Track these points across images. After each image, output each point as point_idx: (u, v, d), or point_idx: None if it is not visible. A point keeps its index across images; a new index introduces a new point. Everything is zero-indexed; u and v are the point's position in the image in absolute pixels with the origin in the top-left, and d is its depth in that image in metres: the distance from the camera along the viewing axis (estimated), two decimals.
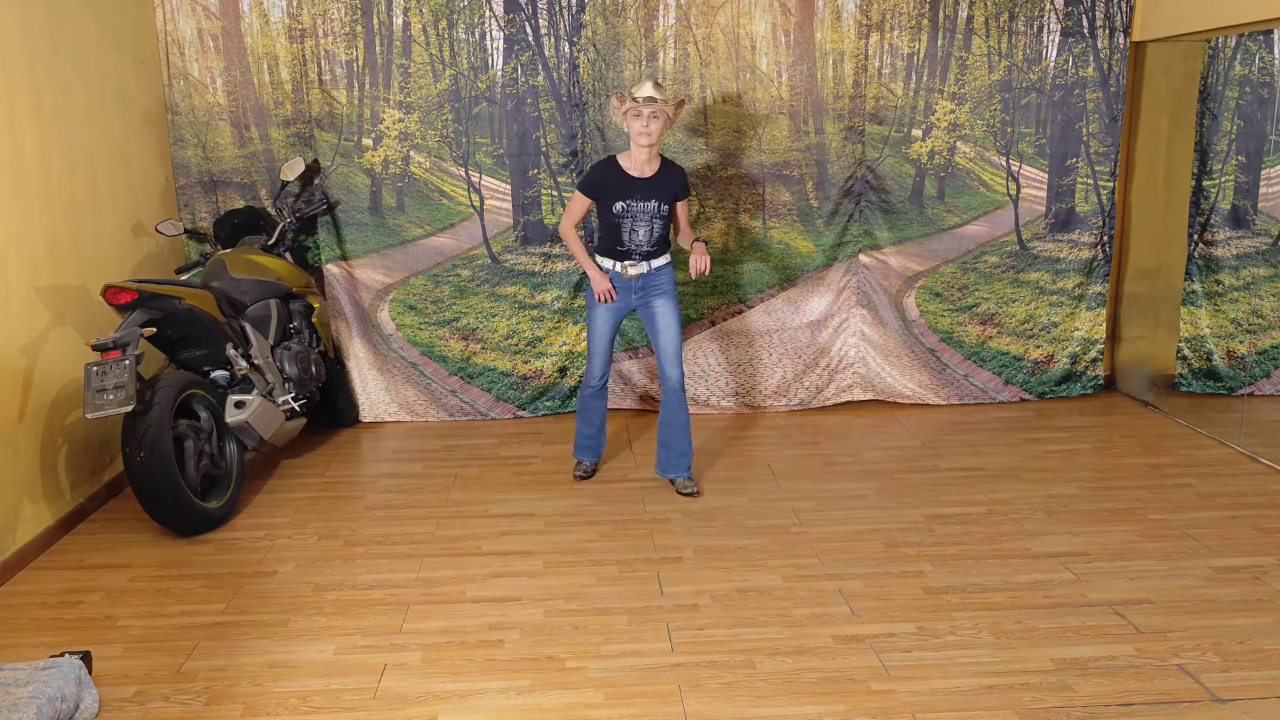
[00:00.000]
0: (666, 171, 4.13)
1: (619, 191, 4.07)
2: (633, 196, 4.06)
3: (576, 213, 4.21)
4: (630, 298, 4.21)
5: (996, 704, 2.76)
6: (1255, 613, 3.23)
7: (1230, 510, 4.07)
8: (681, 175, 4.19)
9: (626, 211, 4.07)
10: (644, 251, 4.14)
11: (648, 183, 4.08)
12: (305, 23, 5.08)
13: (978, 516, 4.06)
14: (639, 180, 4.07)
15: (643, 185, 4.07)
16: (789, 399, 5.52)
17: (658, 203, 4.08)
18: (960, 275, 5.47)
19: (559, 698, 2.84)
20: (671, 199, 4.12)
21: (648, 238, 4.11)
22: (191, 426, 4.01)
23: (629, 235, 4.10)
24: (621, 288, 4.19)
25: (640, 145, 4.00)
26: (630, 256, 4.13)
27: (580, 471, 4.54)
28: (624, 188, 4.07)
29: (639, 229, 4.09)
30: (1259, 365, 5.21)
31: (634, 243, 4.12)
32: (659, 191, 4.08)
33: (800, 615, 3.28)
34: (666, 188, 4.10)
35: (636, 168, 4.08)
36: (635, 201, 4.07)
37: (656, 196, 4.08)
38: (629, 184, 4.07)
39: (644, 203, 4.07)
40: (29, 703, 2.53)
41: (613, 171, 4.09)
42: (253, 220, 5.04)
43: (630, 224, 4.09)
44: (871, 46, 5.21)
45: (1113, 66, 5.26)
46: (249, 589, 3.54)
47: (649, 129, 3.95)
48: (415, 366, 5.42)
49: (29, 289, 3.89)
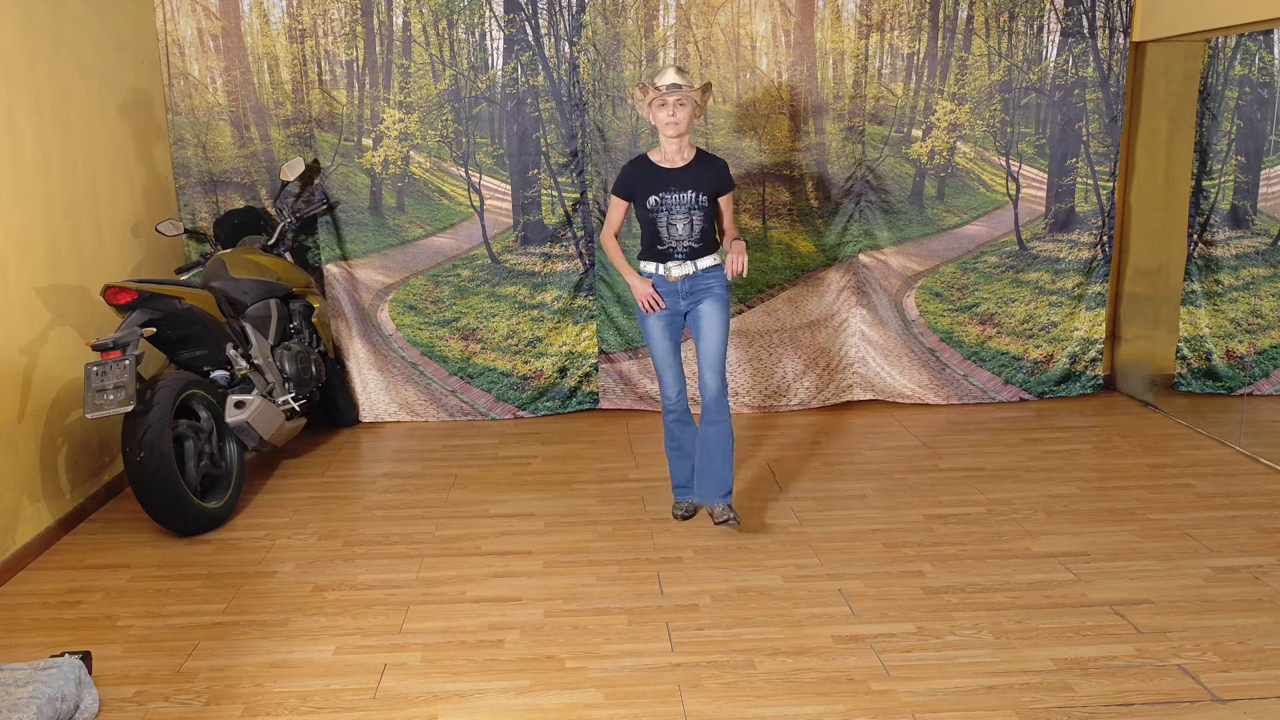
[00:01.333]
0: (702, 162, 3.90)
1: (651, 185, 3.85)
2: (666, 189, 3.83)
3: (614, 220, 3.99)
4: (679, 302, 3.91)
5: (996, 704, 2.76)
6: (1255, 613, 3.23)
7: (1230, 510, 4.07)
8: (721, 166, 3.93)
9: (661, 205, 3.83)
10: (686, 249, 3.85)
11: (681, 173, 3.84)
12: (305, 23, 5.08)
13: (978, 516, 4.06)
14: (671, 171, 3.85)
15: (676, 176, 3.84)
16: (789, 399, 5.52)
17: (695, 193, 3.82)
18: (960, 275, 5.47)
19: (559, 698, 2.84)
20: (712, 190, 3.87)
21: (688, 232, 3.84)
22: (191, 426, 4.01)
23: (667, 231, 3.84)
24: (668, 293, 3.90)
25: (669, 136, 3.80)
26: (673, 256, 3.86)
27: (680, 511, 4.10)
28: (656, 181, 3.85)
29: (677, 223, 3.83)
30: (1258, 365, 5.21)
31: (674, 238, 3.84)
32: (695, 181, 3.83)
33: (800, 615, 3.28)
34: (703, 178, 3.85)
35: (668, 159, 3.86)
36: (669, 194, 3.83)
37: (693, 187, 3.82)
38: (661, 176, 3.85)
39: (679, 194, 3.82)
40: (29, 703, 2.53)
41: (643, 167, 3.89)
42: (253, 220, 5.04)
43: (666, 218, 3.83)
44: (871, 46, 5.21)
45: (1113, 66, 5.26)
46: (249, 589, 3.54)
47: (676, 118, 3.74)
48: (415, 366, 5.42)
49: (29, 289, 3.89)
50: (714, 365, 3.89)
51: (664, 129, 3.78)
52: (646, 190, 3.85)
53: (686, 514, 4.10)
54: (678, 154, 3.86)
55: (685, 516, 4.10)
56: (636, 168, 3.91)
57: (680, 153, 3.86)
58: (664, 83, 3.73)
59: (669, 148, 3.85)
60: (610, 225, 4.00)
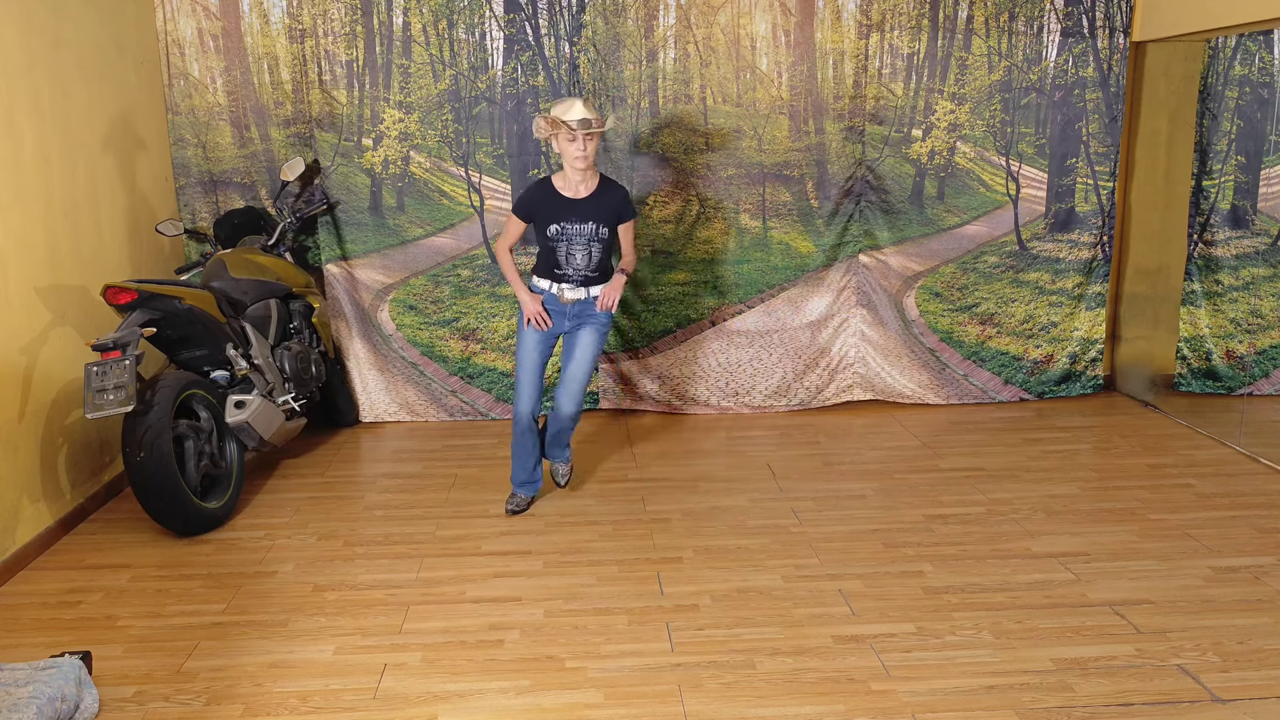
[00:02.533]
0: (605, 191, 3.94)
1: (553, 213, 3.90)
2: (568, 218, 3.89)
3: (511, 234, 4.04)
4: (564, 323, 4.04)
5: (996, 704, 2.77)
6: (1255, 613, 3.24)
7: (1230, 510, 4.07)
8: (622, 195, 3.98)
9: (561, 234, 3.90)
10: (582, 277, 3.96)
11: (584, 203, 3.90)
12: (305, 23, 5.08)
13: (978, 516, 4.06)
14: (574, 201, 3.90)
15: (579, 206, 3.90)
16: (789, 399, 5.52)
17: (595, 225, 3.90)
18: (960, 275, 5.47)
19: (559, 698, 2.84)
20: (612, 221, 3.95)
21: (586, 262, 3.94)
22: (191, 426, 4.01)
23: (565, 259, 3.94)
24: (556, 312, 4.01)
25: (577, 168, 3.85)
26: (568, 280, 3.97)
27: (513, 505, 4.18)
28: (558, 209, 3.90)
29: (575, 253, 3.92)
30: (1258, 365, 5.21)
31: (572, 267, 3.95)
32: (596, 213, 3.90)
33: (800, 615, 3.28)
34: (605, 209, 3.91)
35: (571, 188, 3.92)
36: (570, 224, 3.89)
37: (594, 218, 3.90)
38: (563, 205, 3.90)
39: (580, 225, 3.90)
40: (29, 703, 2.53)
41: (546, 193, 3.93)
42: (253, 220, 5.04)
43: (566, 247, 3.92)
44: (871, 46, 5.21)
45: (1113, 66, 5.26)
46: (249, 589, 3.54)
47: (585, 151, 3.79)
48: (415, 366, 5.42)
49: (29, 289, 3.89)
50: (575, 393, 4.05)
51: (573, 161, 3.83)
52: (548, 218, 3.92)
53: (517, 508, 4.18)
54: (582, 183, 3.92)
55: (515, 511, 4.17)
56: (540, 192, 3.95)
57: (585, 182, 3.93)
58: (573, 118, 3.75)
59: (574, 177, 3.91)
60: (506, 239, 4.06)
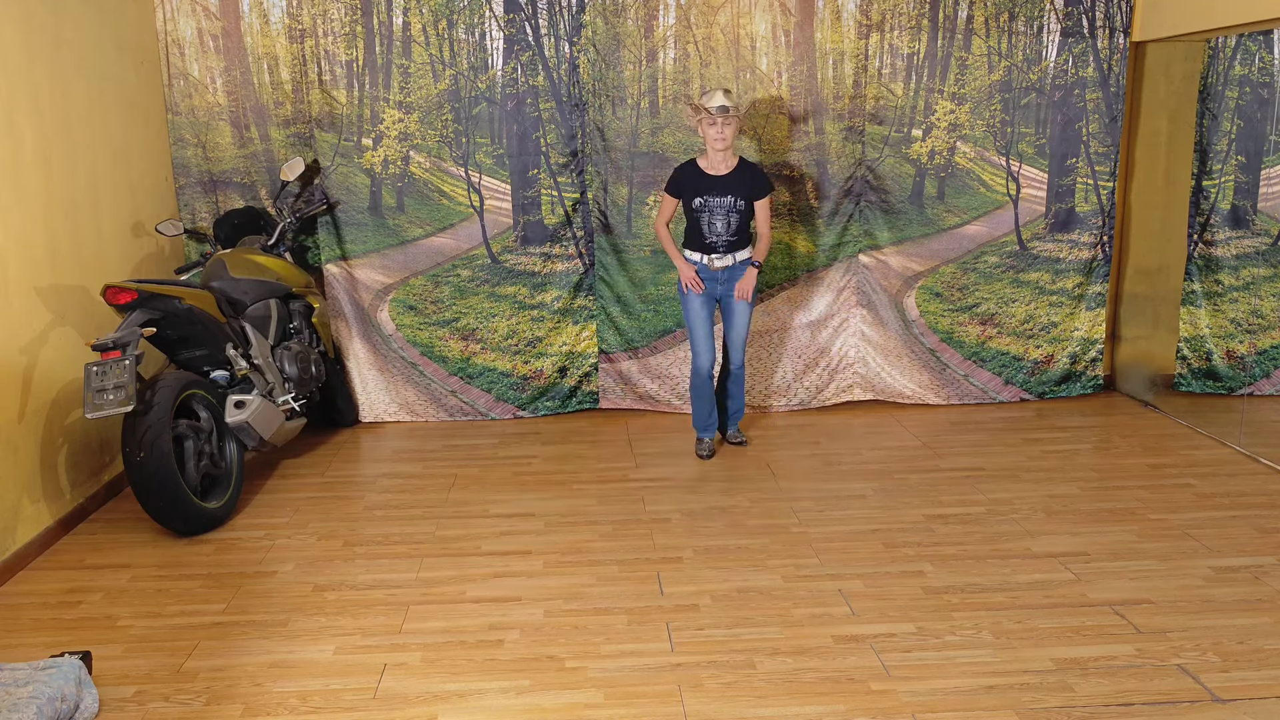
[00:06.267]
0: (742, 169, 4.56)
1: (697, 188, 4.54)
2: (710, 192, 4.52)
3: (666, 212, 4.69)
4: (716, 287, 4.65)
5: (996, 704, 2.76)
6: (1255, 613, 3.24)
7: (1230, 510, 4.07)
8: (756, 172, 4.59)
9: (704, 206, 4.54)
10: (726, 243, 4.56)
11: (723, 180, 4.52)
12: (305, 23, 5.08)
13: (978, 516, 4.06)
14: (715, 178, 4.53)
15: (719, 182, 4.52)
16: (789, 399, 5.52)
17: (733, 198, 4.52)
18: (960, 275, 5.47)
19: (559, 698, 2.84)
20: (747, 194, 4.54)
21: (726, 229, 4.55)
22: (191, 426, 4.01)
23: (708, 228, 4.55)
24: (709, 278, 4.62)
25: (716, 149, 4.48)
26: (715, 249, 4.57)
27: (702, 450, 4.80)
28: (701, 184, 4.54)
29: (716, 222, 4.54)
30: (1259, 365, 5.20)
31: (714, 234, 4.56)
32: (734, 187, 4.52)
33: (800, 615, 3.28)
34: (741, 184, 4.53)
35: (712, 166, 4.55)
36: (712, 196, 4.52)
37: (732, 192, 4.52)
38: (706, 181, 4.54)
39: (720, 197, 4.52)
40: (29, 703, 2.53)
41: (691, 171, 4.57)
42: (253, 220, 5.03)
43: (708, 217, 4.54)
44: (871, 47, 5.21)
45: (1113, 66, 5.26)
46: (249, 589, 3.54)
47: (723, 134, 4.42)
48: (415, 366, 5.42)
49: (29, 289, 3.89)
50: (738, 346, 4.78)
51: (712, 143, 4.47)
52: (693, 192, 4.57)
53: (708, 453, 4.80)
54: (722, 163, 4.55)
55: (707, 455, 4.79)
56: (686, 170, 4.61)
57: (725, 162, 4.55)
58: (713, 105, 4.39)
59: (715, 157, 4.53)
60: (663, 216, 4.70)
